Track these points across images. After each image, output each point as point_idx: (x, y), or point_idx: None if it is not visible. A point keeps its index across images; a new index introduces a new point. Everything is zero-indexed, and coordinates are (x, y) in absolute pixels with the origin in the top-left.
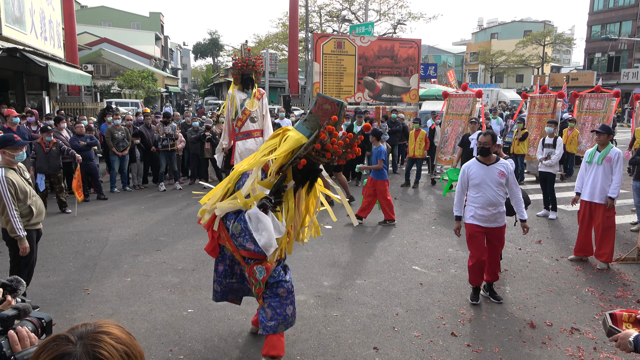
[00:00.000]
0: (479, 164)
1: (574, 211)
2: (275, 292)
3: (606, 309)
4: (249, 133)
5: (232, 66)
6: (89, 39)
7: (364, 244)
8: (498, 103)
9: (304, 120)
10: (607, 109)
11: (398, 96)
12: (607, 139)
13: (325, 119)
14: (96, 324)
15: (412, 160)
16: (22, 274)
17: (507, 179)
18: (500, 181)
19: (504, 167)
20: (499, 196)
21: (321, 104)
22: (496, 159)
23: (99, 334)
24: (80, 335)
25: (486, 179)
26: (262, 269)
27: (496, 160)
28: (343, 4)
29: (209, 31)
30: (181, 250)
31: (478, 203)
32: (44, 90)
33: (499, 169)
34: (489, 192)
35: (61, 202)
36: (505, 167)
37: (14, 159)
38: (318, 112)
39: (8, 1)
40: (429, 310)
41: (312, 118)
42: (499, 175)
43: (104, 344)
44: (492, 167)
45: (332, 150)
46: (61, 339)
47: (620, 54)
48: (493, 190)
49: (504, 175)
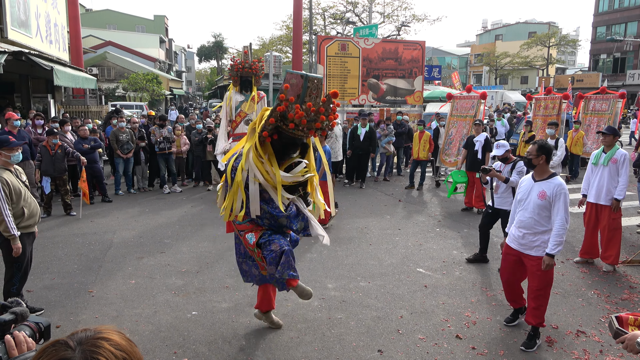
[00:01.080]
0: (530, 178)
1: (580, 213)
2: (269, 248)
3: (612, 311)
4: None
5: (229, 68)
6: (94, 42)
7: (368, 246)
8: (503, 105)
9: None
10: (613, 110)
11: (402, 98)
12: (613, 140)
13: (291, 93)
14: (96, 329)
15: (417, 162)
16: (14, 278)
17: (551, 201)
18: (539, 203)
19: (550, 187)
20: (533, 221)
21: (289, 79)
22: (549, 175)
23: (99, 340)
24: (79, 340)
25: (527, 197)
26: (251, 235)
27: (548, 177)
28: (347, 7)
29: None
30: (185, 253)
31: (515, 220)
32: (49, 93)
33: (541, 189)
34: (525, 213)
35: (66, 204)
36: (551, 187)
37: (10, 160)
38: (287, 87)
39: (14, 5)
40: (433, 313)
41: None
42: (539, 196)
43: (102, 350)
44: (538, 185)
45: (294, 120)
46: (60, 344)
47: (626, 55)
48: (529, 212)
49: (544, 196)
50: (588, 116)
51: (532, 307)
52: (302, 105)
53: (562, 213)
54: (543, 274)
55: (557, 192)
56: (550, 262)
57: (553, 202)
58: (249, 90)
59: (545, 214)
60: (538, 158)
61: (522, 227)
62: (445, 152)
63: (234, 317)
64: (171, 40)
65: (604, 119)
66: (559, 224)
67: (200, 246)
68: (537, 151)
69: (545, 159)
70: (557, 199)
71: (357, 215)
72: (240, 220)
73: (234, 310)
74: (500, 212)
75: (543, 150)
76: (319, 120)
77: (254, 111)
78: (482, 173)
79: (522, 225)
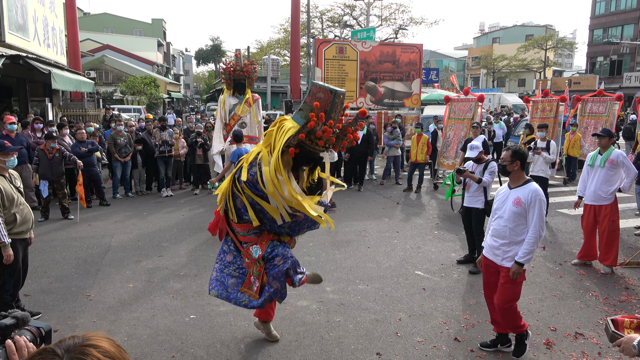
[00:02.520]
0: (506, 186)
1: (577, 215)
2: (273, 262)
3: (610, 313)
4: None
5: (222, 71)
6: (92, 45)
7: (366, 249)
8: (501, 107)
9: (299, 110)
10: (610, 112)
11: (400, 101)
12: (609, 142)
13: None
14: (84, 336)
15: (415, 165)
16: (7, 284)
17: (526, 208)
18: (514, 210)
19: (525, 194)
20: (508, 229)
21: (315, 93)
22: (524, 181)
23: (87, 347)
24: (67, 348)
25: (503, 205)
26: (256, 248)
27: (523, 183)
28: (345, 10)
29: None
30: (183, 256)
31: (490, 229)
32: (47, 97)
33: (516, 195)
34: (501, 221)
35: (64, 208)
36: (526, 193)
37: (5, 165)
38: (312, 100)
39: (11, 8)
40: (432, 316)
41: (307, 107)
42: (514, 203)
43: (90, 358)
44: (513, 192)
45: (323, 137)
46: (47, 352)
47: (623, 58)
48: (504, 220)
49: (519, 203)
50: (585, 118)
51: (504, 323)
52: (331, 121)
53: (537, 220)
54: (509, 287)
55: (532, 198)
56: (517, 271)
57: (528, 209)
58: (243, 93)
59: (521, 222)
60: (512, 164)
61: (497, 237)
62: (443, 154)
63: (233, 321)
64: (169, 44)
65: (601, 121)
66: (532, 231)
67: (199, 249)
68: (511, 157)
69: (520, 165)
70: (532, 205)
71: (355, 218)
72: (245, 232)
73: (232, 313)
74: (472, 211)
75: (517, 155)
76: (346, 139)
77: (248, 113)
78: (457, 174)
79: (497, 234)
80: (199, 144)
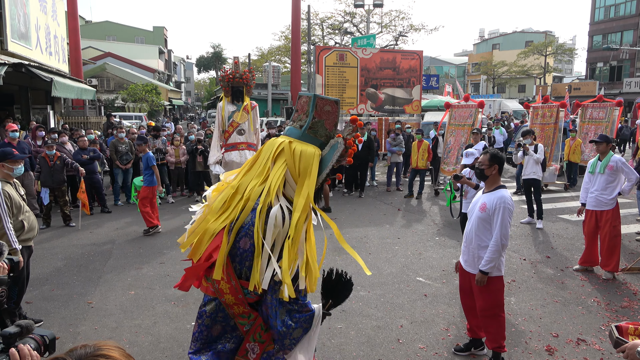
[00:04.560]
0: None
1: (578, 221)
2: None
3: (612, 319)
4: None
5: (221, 78)
6: (94, 53)
7: (367, 256)
8: (501, 113)
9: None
10: (610, 118)
11: (400, 107)
12: (607, 147)
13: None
14: (96, 345)
15: (415, 171)
16: (12, 292)
17: (490, 214)
18: (479, 215)
19: (491, 199)
20: (474, 235)
21: (322, 107)
22: (496, 187)
23: (98, 357)
24: (78, 357)
25: (473, 209)
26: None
27: (495, 189)
28: (345, 17)
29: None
30: (185, 263)
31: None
32: (49, 104)
33: (483, 201)
34: (468, 225)
35: (65, 215)
36: (492, 199)
37: (12, 173)
38: (322, 116)
39: (14, 17)
40: (433, 322)
41: (318, 124)
42: (480, 208)
43: None
44: (483, 196)
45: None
46: None
47: (622, 64)
48: (470, 224)
49: (484, 208)
50: (585, 124)
51: (484, 330)
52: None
53: (499, 228)
54: (487, 294)
55: (497, 204)
56: (481, 279)
57: (492, 215)
58: (241, 100)
59: (486, 228)
60: (491, 168)
61: (465, 241)
62: (444, 160)
63: None
64: (170, 51)
65: (601, 127)
66: (493, 239)
67: None
68: (489, 161)
69: (498, 169)
70: (496, 212)
71: (356, 224)
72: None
73: None
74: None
75: (495, 159)
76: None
77: (246, 120)
78: (454, 180)
79: (466, 239)
80: (199, 150)
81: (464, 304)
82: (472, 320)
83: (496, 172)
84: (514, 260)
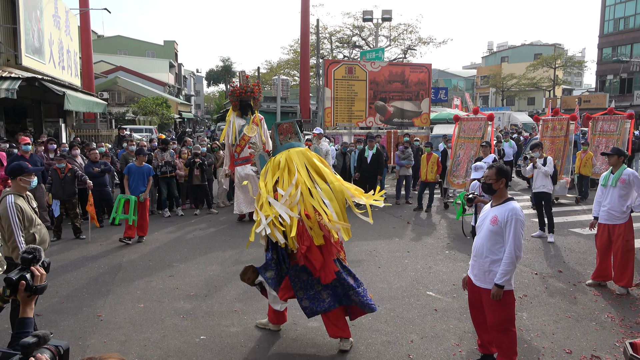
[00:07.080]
0: (489, 205)
1: (591, 235)
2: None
3: (627, 335)
4: (247, 159)
5: (230, 93)
6: (105, 67)
7: (377, 269)
8: (510, 126)
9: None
10: (621, 131)
11: (409, 120)
12: (618, 160)
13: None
14: (102, 357)
15: (425, 184)
16: None
17: (502, 227)
18: (491, 228)
19: (502, 212)
20: (485, 248)
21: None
22: (504, 200)
23: None
24: None
25: (482, 223)
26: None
27: (503, 201)
28: (353, 31)
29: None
30: (194, 276)
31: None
32: (61, 117)
33: (494, 214)
34: (478, 239)
35: (76, 228)
36: (503, 211)
37: (29, 186)
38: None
39: (28, 32)
40: (444, 337)
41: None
42: (491, 221)
43: None
44: (492, 210)
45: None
46: None
47: (633, 76)
48: (481, 238)
49: (496, 221)
50: (596, 137)
51: (496, 346)
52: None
53: (512, 241)
54: (498, 308)
55: (508, 217)
56: (497, 293)
57: (504, 228)
58: (250, 114)
59: (498, 241)
60: (498, 182)
61: (475, 255)
62: (453, 173)
63: (243, 342)
64: (180, 65)
65: (612, 140)
66: (507, 252)
67: (209, 269)
68: (496, 175)
69: (505, 183)
70: (508, 224)
71: (366, 237)
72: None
73: (243, 334)
74: None
75: (502, 173)
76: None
77: (256, 133)
78: (467, 202)
79: (476, 253)
80: (197, 164)
81: (475, 319)
82: (483, 336)
83: (504, 186)
84: (525, 274)
